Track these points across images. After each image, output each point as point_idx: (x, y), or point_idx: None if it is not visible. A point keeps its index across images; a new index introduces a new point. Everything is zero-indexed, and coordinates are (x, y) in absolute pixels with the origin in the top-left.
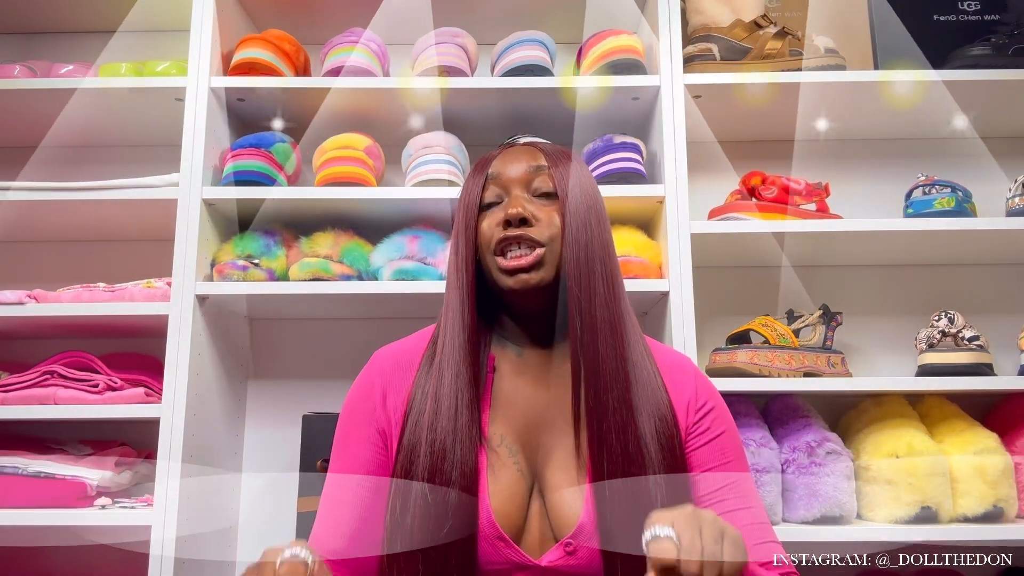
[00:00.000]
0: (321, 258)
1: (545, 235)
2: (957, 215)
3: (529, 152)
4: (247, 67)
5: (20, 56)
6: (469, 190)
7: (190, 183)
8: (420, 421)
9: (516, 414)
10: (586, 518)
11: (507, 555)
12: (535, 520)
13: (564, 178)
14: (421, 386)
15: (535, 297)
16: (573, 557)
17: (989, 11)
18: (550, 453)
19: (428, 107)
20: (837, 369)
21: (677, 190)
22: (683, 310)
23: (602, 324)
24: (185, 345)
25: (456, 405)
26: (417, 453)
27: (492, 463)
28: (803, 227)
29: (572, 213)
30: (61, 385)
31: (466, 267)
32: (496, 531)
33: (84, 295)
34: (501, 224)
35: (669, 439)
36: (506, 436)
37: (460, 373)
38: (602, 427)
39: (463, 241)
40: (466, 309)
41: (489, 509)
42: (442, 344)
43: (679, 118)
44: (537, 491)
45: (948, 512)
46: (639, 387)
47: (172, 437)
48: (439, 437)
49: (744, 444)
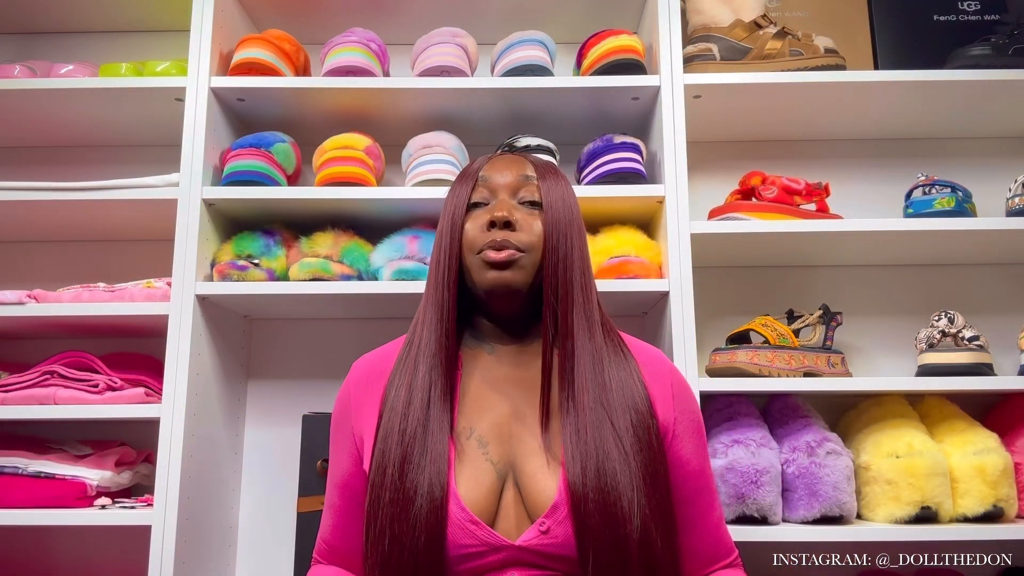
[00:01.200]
0: (321, 258)
1: (525, 241)
2: (957, 215)
3: (519, 161)
4: (247, 67)
5: (20, 56)
6: (457, 192)
7: (190, 183)
8: (394, 412)
9: (486, 408)
10: (560, 499)
11: (481, 537)
12: (511, 506)
13: (550, 190)
14: (395, 382)
15: (510, 298)
16: (547, 536)
17: (989, 11)
18: (524, 442)
19: (428, 107)
20: (837, 369)
21: (677, 190)
22: (683, 310)
23: (579, 330)
24: (185, 345)
25: (428, 397)
26: (390, 442)
27: (460, 453)
28: (803, 227)
29: (553, 224)
30: (61, 385)
31: (450, 264)
32: (468, 515)
33: (84, 295)
34: (486, 226)
35: (646, 430)
36: (475, 429)
37: (435, 365)
38: (578, 422)
39: (448, 239)
40: (446, 303)
41: (458, 496)
42: (419, 338)
43: (679, 118)
44: (512, 480)
45: (948, 512)
46: (613, 384)
47: (172, 437)
48: (411, 426)
49: (744, 444)
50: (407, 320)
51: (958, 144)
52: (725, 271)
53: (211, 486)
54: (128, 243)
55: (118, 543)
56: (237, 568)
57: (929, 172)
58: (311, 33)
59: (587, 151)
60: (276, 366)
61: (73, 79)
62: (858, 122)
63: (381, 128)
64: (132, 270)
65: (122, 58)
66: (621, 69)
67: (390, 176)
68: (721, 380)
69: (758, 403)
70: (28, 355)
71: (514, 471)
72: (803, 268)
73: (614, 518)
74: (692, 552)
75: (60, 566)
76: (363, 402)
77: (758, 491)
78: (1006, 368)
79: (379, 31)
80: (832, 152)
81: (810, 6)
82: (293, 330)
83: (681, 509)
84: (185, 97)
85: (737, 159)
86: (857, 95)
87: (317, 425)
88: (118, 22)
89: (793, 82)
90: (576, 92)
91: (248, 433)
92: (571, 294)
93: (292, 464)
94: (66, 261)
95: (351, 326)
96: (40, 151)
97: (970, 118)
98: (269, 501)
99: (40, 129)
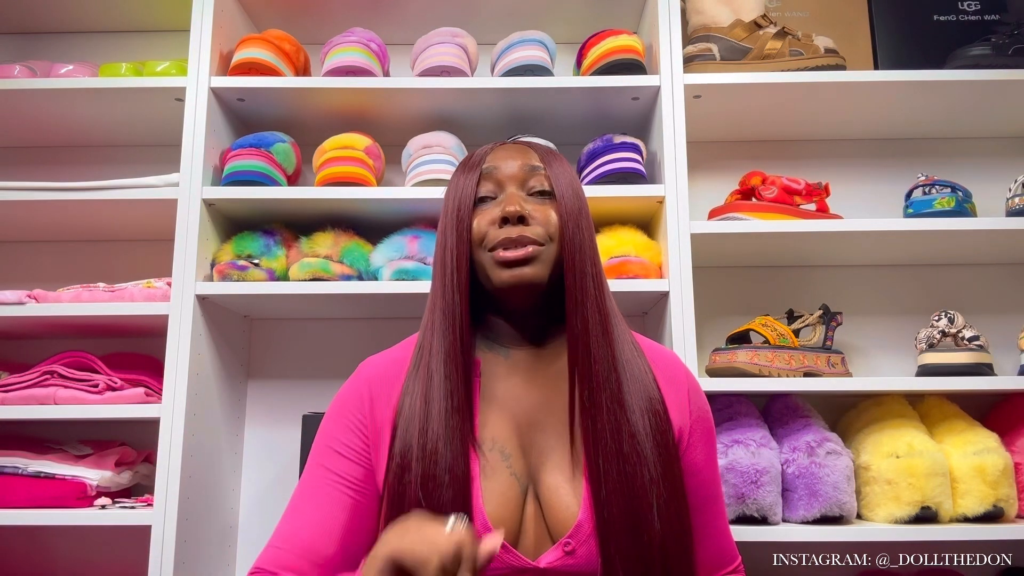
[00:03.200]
0: (321, 258)
1: (542, 234)
2: (957, 215)
3: (523, 151)
4: (247, 67)
5: (20, 56)
6: (461, 186)
7: (190, 183)
8: (411, 426)
9: (507, 417)
10: (584, 517)
11: (505, 560)
12: (531, 523)
13: (559, 178)
14: (410, 391)
15: (528, 294)
16: (572, 557)
17: (989, 11)
18: (544, 454)
19: (428, 107)
20: (837, 369)
21: (677, 190)
22: (683, 310)
23: (594, 325)
24: (185, 345)
25: (448, 407)
26: (409, 458)
27: (484, 467)
28: (803, 227)
29: (568, 214)
30: (61, 385)
31: (458, 264)
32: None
33: (84, 295)
34: (497, 222)
35: (663, 434)
36: (497, 440)
37: (451, 374)
38: (596, 426)
39: (455, 237)
40: (458, 307)
41: (484, 514)
42: (429, 345)
43: (679, 118)
44: (532, 493)
45: (948, 512)
46: (631, 385)
47: (172, 437)
48: (430, 441)
49: (744, 444)
50: (407, 320)
51: (958, 144)
52: (725, 271)
53: (211, 486)
54: (128, 243)
55: (118, 543)
56: (237, 568)
57: (929, 172)
58: (311, 33)
59: (587, 151)
60: (276, 366)
61: (73, 79)
62: (858, 122)
63: (381, 128)
64: (132, 270)
65: (122, 58)
66: (621, 69)
67: (390, 176)
68: (721, 380)
69: (758, 403)
70: (28, 355)
71: (535, 484)
72: (803, 268)
73: (639, 534)
74: (699, 559)
75: (60, 566)
76: (377, 403)
77: (758, 491)
78: (1006, 368)
79: (379, 31)
80: (832, 152)
81: (810, 6)
82: (293, 330)
83: (692, 516)
84: (185, 97)
85: (737, 159)
86: (857, 95)
87: (317, 425)
88: (118, 22)
89: (793, 82)
90: (576, 92)
91: (248, 433)
92: (586, 287)
93: (292, 464)
94: (66, 261)
95: (351, 326)
96: (40, 151)
97: (970, 118)
98: (269, 501)
99: (40, 129)
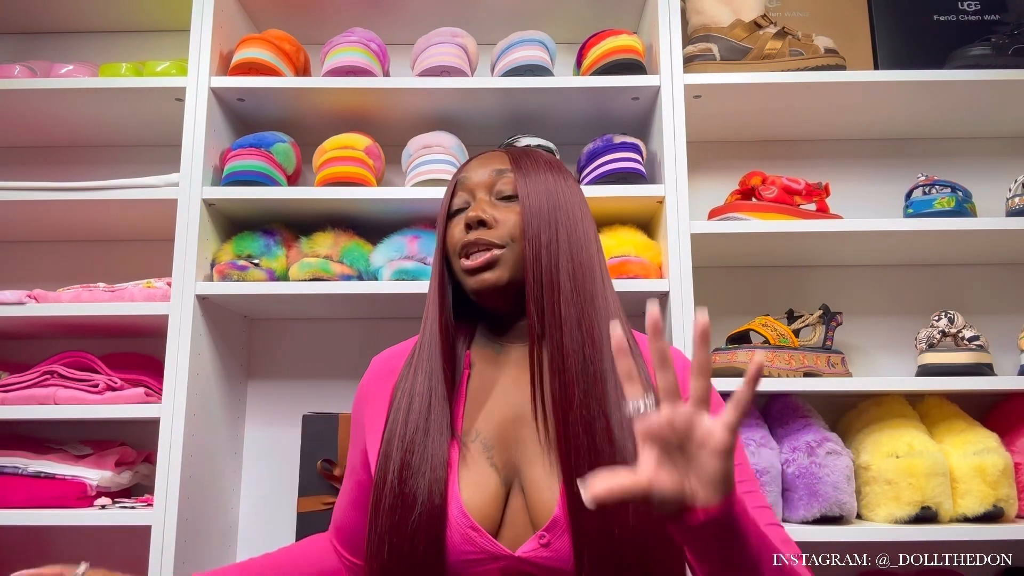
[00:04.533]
0: (321, 258)
1: (503, 235)
2: (957, 215)
3: (496, 157)
4: (247, 67)
5: (20, 56)
6: (444, 199)
7: (190, 183)
8: (397, 416)
9: (492, 410)
10: (560, 512)
11: (480, 544)
12: (517, 514)
13: (526, 180)
14: (401, 385)
15: (498, 296)
16: (547, 549)
17: (989, 11)
18: (527, 448)
19: (428, 107)
20: (837, 369)
21: (677, 190)
22: (683, 310)
23: (566, 320)
24: (185, 345)
25: (428, 401)
26: (391, 447)
27: (464, 457)
28: (803, 227)
29: (531, 212)
30: (61, 385)
31: (440, 271)
32: (468, 521)
33: (84, 295)
34: (464, 230)
35: None
36: (481, 432)
37: (433, 370)
38: (568, 420)
39: (437, 245)
40: (439, 310)
41: (460, 502)
42: (420, 344)
43: (679, 118)
44: (519, 486)
45: (948, 512)
46: (615, 380)
47: (172, 437)
48: (410, 431)
49: (744, 444)
50: (407, 320)
51: (958, 144)
52: (725, 271)
53: (211, 486)
54: (128, 243)
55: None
56: None
57: (929, 172)
58: (311, 33)
59: (587, 151)
60: (276, 366)
61: (73, 79)
62: (858, 122)
63: (381, 128)
64: (132, 270)
65: (122, 58)
66: (621, 69)
67: (390, 176)
68: (721, 380)
69: (758, 403)
70: (28, 355)
71: (519, 477)
72: (803, 268)
73: (611, 534)
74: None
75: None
76: (373, 401)
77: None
78: (1006, 368)
79: (379, 31)
80: (832, 152)
81: (810, 6)
82: (293, 330)
83: None
84: (185, 97)
85: (737, 159)
86: (857, 95)
87: (317, 425)
88: (118, 22)
89: (793, 82)
90: (576, 92)
91: (248, 433)
92: (557, 282)
93: (292, 464)
94: (66, 261)
95: (351, 326)
96: (40, 151)
97: (970, 118)
98: (269, 501)
99: (40, 129)
